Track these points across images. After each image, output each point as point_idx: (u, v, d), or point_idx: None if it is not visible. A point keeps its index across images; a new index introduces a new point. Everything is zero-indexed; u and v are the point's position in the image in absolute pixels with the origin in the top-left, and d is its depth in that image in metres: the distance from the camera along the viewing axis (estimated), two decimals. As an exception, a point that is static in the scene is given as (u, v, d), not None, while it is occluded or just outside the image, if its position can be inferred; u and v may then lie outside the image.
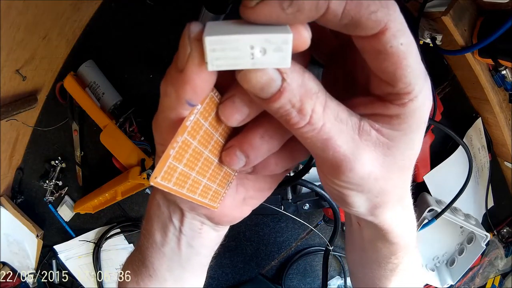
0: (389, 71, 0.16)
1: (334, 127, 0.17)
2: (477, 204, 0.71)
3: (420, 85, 0.17)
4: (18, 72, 0.51)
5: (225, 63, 0.15)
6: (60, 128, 0.64)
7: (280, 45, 0.15)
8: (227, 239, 0.30)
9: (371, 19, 0.15)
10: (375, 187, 0.19)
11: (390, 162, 0.18)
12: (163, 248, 0.27)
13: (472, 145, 0.66)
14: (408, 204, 0.24)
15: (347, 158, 0.17)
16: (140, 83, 0.63)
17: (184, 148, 0.18)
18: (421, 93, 0.17)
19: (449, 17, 0.50)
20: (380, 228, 0.23)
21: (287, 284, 0.75)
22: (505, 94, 0.58)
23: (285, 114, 0.16)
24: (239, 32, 0.15)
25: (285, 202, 0.65)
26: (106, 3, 0.59)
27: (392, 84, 0.17)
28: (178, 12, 0.59)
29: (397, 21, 0.16)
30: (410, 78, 0.16)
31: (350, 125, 0.17)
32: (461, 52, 0.53)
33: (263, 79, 0.15)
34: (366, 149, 0.17)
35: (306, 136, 0.17)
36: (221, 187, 0.22)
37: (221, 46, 0.15)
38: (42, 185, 0.66)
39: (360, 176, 0.18)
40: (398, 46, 0.16)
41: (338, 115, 0.17)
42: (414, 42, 0.16)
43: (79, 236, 0.71)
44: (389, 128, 0.18)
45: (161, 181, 0.17)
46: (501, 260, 0.72)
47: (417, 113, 0.17)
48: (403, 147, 0.18)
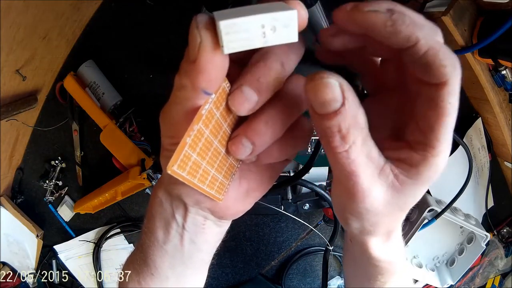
0: (429, 121, 0.18)
1: (364, 163, 0.18)
2: (477, 204, 0.71)
3: (444, 147, 0.19)
4: (18, 72, 0.51)
5: (239, 45, 0.17)
6: (60, 128, 0.64)
7: (288, 21, 0.17)
8: (228, 239, 0.30)
9: (441, 70, 0.17)
10: (373, 219, 0.21)
11: (393, 203, 0.20)
12: (165, 246, 0.27)
13: (472, 145, 0.66)
14: (396, 236, 0.26)
15: (363, 191, 0.19)
16: (140, 83, 0.63)
17: (198, 137, 0.18)
18: (442, 154, 0.19)
19: (449, 17, 0.50)
20: (365, 251, 0.25)
21: (287, 284, 0.75)
22: (505, 94, 0.58)
23: (330, 134, 0.18)
24: (248, 14, 0.16)
25: (285, 202, 0.65)
26: (106, 3, 0.59)
27: (425, 134, 0.19)
28: (178, 12, 0.59)
29: (457, 81, 0.17)
30: (441, 135, 0.18)
31: (376, 165, 0.19)
32: (461, 52, 0.53)
33: (328, 96, 0.17)
34: (380, 188, 0.20)
35: (338, 161, 0.18)
36: (226, 179, 0.22)
37: (234, 28, 0.16)
38: (42, 185, 0.66)
39: (366, 208, 0.20)
40: (448, 103, 0.17)
41: (371, 153, 0.19)
42: (457, 107, 0.18)
43: (79, 236, 0.71)
44: (405, 176, 0.20)
45: (177, 169, 0.18)
46: (501, 260, 0.72)
47: (432, 169, 0.19)
48: (409, 194, 0.20)
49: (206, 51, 0.17)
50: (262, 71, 0.19)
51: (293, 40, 0.17)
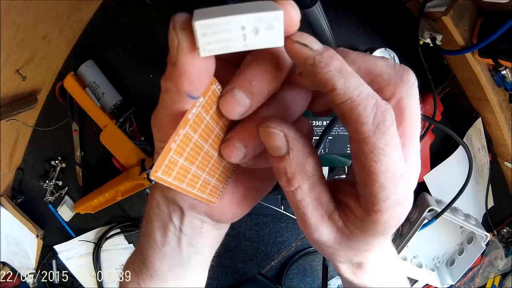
0: (362, 177, 0.18)
1: (311, 205, 0.19)
2: (477, 204, 0.71)
3: (388, 204, 0.18)
4: (18, 72, 0.51)
5: (217, 47, 0.15)
6: (60, 128, 0.64)
7: (272, 22, 0.15)
8: (227, 239, 0.30)
9: (357, 126, 0.16)
10: (328, 250, 0.22)
11: (345, 244, 0.21)
12: (163, 248, 0.26)
13: (472, 145, 0.66)
14: (373, 267, 0.26)
15: (311, 227, 0.20)
16: (140, 83, 0.63)
17: (185, 142, 0.18)
18: (387, 212, 0.18)
19: (449, 17, 0.50)
20: (341, 274, 0.26)
21: (287, 284, 0.75)
22: (505, 94, 0.58)
23: (278, 174, 0.19)
24: (229, 14, 0.15)
25: (285, 202, 0.65)
26: (106, 3, 0.59)
27: (362, 190, 0.18)
28: (178, 12, 0.59)
29: (384, 140, 0.17)
30: (378, 194, 0.17)
31: (325, 209, 0.20)
32: (461, 52, 0.53)
33: (273, 144, 0.18)
34: (329, 228, 0.20)
35: (288, 196, 0.20)
36: (219, 182, 0.22)
37: (211, 29, 0.15)
38: (42, 185, 0.66)
39: (316, 240, 0.21)
40: (372, 161, 0.17)
41: (320, 198, 0.20)
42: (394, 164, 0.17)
43: (79, 236, 0.71)
44: (353, 225, 0.20)
45: (161, 175, 0.17)
46: (501, 260, 0.72)
47: (378, 225, 0.19)
48: (361, 241, 0.20)
49: (184, 53, 0.16)
50: (255, 74, 0.18)
51: (277, 45, 0.16)
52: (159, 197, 0.26)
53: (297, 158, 0.18)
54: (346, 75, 0.16)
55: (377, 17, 0.61)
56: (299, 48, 0.16)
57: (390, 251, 0.28)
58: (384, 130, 0.16)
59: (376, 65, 0.18)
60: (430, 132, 0.63)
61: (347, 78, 0.16)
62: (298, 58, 0.17)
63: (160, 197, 0.26)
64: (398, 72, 0.18)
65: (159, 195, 0.26)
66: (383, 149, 0.16)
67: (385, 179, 0.17)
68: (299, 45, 0.16)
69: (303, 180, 0.19)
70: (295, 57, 0.17)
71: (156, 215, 0.26)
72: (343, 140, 0.55)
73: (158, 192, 0.26)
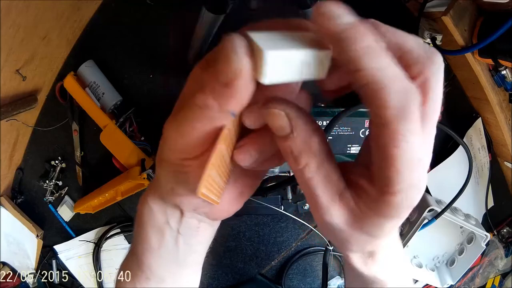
0: (379, 161, 0.17)
1: (321, 183, 0.19)
2: (477, 204, 0.71)
3: (403, 186, 0.17)
4: (18, 72, 0.51)
5: (279, 76, 0.17)
6: (60, 128, 0.64)
7: (323, 60, 0.17)
8: (227, 239, 0.31)
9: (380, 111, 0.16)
10: (340, 235, 0.21)
11: (358, 227, 0.20)
12: (160, 250, 0.27)
13: (472, 145, 0.66)
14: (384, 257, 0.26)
15: (322, 208, 0.20)
16: (140, 83, 0.63)
17: (219, 156, 0.19)
18: (401, 193, 0.17)
19: (449, 17, 0.50)
20: (349, 265, 0.26)
21: (287, 284, 0.75)
22: (505, 94, 0.58)
23: (285, 154, 0.19)
24: (290, 45, 0.17)
25: (285, 202, 0.65)
26: (106, 3, 0.59)
27: (379, 172, 0.18)
28: (178, 12, 0.59)
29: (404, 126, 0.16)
30: (394, 177, 0.17)
31: (336, 188, 0.19)
32: (461, 52, 0.53)
33: (276, 124, 0.19)
34: (340, 209, 0.20)
35: (297, 176, 0.20)
36: (224, 183, 0.23)
37: (279, 60, 0.16)
38: (42, 185, 0.66)
39: (328, 223, 0.20)
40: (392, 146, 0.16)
41: (329, 176, 0.19)
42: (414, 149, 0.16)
43: (79, 236, 0.71)
44: (365, 206, 0.19)
45: (206, 192, 0.18)
46: (501, 260, 0.72)
47: (391, 207, 0.18)
48: (373, 223, 0.20)
49: (244, 78, 0.16)
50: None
51: (322, 77, 0.18)
52: (153, 203, 0.25)
53: (301, 136, 0.18)
54: (376, 55, 0.16)
55: (377, 17, 0.60)
56: (326, 21, 0.16)
57: (398, 243, 0.28)
58: (407, 116, 0.16)
59: (407, 41, 0.17)
60: (430, 132, 0.63)
61: (375, 58, 0.15)
62: (326, 32, 0.16)
63: (155, 203, 0.25)
64: (427, 52, 0.18)
65: (154, 201, 0.25)
66: (405, 135, 0.16)
67: (402, 164, 0.16)
68: (326, 18, 0.16)
69: (310, 158, 0.19)
70: (323, 31, 0.16)
71: (150, 220, 0.26)
72: (343, 140, 0.55)
73: (153, 198, 0.26)
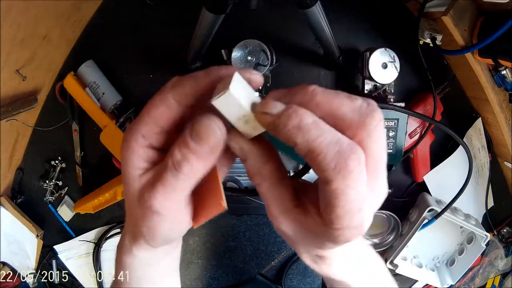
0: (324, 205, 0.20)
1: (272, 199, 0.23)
2: (477, 204, 0.71)
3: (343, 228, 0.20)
4: (18, 72, 0.51)
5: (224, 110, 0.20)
6: (60, 128, 0.64)
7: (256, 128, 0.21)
8: (227, 239, 0.31)
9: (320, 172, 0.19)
10: (288, 239, 0.25)
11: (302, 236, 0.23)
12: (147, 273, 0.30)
13: (472, 145, 0.66)
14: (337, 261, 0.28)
15: (272, 216, 0.24)
16: (140, 83, 0.63)
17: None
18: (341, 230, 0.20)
19: (449, 17, 0.50)
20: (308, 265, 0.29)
21: (287, 284, 0.75)
22: (505, 94, 0.58)
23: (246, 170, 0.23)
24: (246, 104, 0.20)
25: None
26: (106, 3, 0.59)
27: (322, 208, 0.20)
28: (178, 12, 0.59)
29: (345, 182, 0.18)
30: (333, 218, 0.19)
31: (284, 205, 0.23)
32: (461, 52, 0.53)
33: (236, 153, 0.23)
34: (288, 222, 0.23)
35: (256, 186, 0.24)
36: None
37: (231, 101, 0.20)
38: (42, 185, 0.66)
39: (276, 228, 0.24)
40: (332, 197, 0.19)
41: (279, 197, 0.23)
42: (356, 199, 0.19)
43: (79, 236, 0.71)
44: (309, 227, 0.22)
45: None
46: (501, 260, 0.72)
47: (331, 236, 0.21)
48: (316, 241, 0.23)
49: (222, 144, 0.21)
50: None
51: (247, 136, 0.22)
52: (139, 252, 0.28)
53: (252, 165, 0.22)
54: (305, 129, 0.18)
55: (377, 17, 0.61)
56: (262, 117, 0.20)
57: (356, 245, 0.30)
58: (346, 175, 0.18)
59: (340, 108, 0.19)
60: (430, 132, 0.63)
61: (305, 132, 0.18)
62: (265, 126, 0.20)
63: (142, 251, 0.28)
64: (362, 115, 0.19)
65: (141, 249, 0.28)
66: (344, 190, 0.18)
67: (342, 212, 0.19)
68: (261, 115, 0.20)
69: (261, 181, 0.23)
70: (263, 125, 0.20)
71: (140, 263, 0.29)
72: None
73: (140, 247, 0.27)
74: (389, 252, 0.71)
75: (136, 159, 0.23)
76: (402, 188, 0.71)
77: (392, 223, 0.71)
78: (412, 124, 0.61)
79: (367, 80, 0.56)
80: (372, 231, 0.73)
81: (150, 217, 0.22)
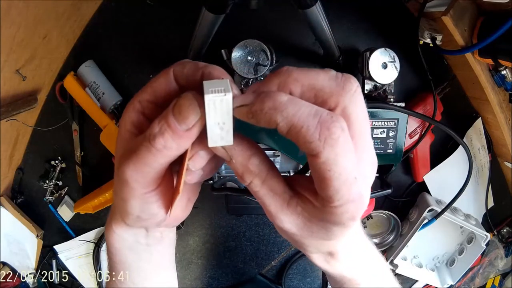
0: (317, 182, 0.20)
1: (268, 195, 0.23)
2: (477, 204, 0.71)
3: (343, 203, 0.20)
4: (18, 72, 0.51)
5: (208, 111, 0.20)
6: (60, 128, 0.64)
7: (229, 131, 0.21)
8: (227, 239, 0.31)
9: (307, 146, 0.18)
10: (294, 239, 0.25)
11: (307, 229, 0.23)
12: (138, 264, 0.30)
13: (472, 145, 0.66)
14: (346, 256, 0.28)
15: (272, 214, 0.23)
16: (140, 83, 0.63)
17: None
18: (341, 207, 0.20)
19: (449, 17, 0.50)
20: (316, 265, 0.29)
21: (287, 284, 0.75)
22: (505, 94, 0.58)
23: (235, 173, 0.23)
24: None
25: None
26: (106, 3, 0.59)
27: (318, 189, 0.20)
28: (178, 12, 0.59)
29: (334, 151, 0.18)
30: (332, 193, 0.19)
31: (281, 197, 0.23)
32: (461, 52, 0.53)
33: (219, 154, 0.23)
34: (289, 215, 0.23)
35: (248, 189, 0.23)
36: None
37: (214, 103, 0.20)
38: (42, 185, 0.66)
39: (279, 228, 0.24)
40: (326, 171, 0.19)
41: (274, 189, 0.23)
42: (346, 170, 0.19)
43: (79, 236, 0.71)
44: (310, 212, 0.22)
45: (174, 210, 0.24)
46: (501, 260, 0.72)
47: (334, 216, 0.21)
48: (321, 227, 0.22)
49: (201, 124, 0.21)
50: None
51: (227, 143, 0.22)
52: (121, 230, 0.28)
53: (239, 162, 0.22)
54: (281, 107, 0.18)
55: (377, 17, 0.61)
56: (240, 111, 0.20)
57: (362, 242, 0.30)
58: (332, 143, 0.18)
59: (318, 79, 0.20)
60: (430, 132, 0.63)
61: (283, 110, 0.18)
62: (245, 118, 0.20)
63: (122, 229, 0.28)
64: (340, 83, 0.20)
65: (121, 227, 0.28)
66: (335, 159, 0.18)
67: (338, 184, 0.19)
68: (239, 110, 0.20)
69: (252, 177, 0.22)
70: (243, 119, 0.20)
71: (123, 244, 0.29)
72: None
73: (118, 225, 0.28)
74: (389, 252, 0.71)
75: (128, 120, 0.24)
76: (402, 188, 0.71)
77: (392, 223, 0.71)
78: (412, 124, 0.61)
79: (367, 80, 0.56)
80: (372, 231, 0.73)
81: (122, 185, 0.23)
